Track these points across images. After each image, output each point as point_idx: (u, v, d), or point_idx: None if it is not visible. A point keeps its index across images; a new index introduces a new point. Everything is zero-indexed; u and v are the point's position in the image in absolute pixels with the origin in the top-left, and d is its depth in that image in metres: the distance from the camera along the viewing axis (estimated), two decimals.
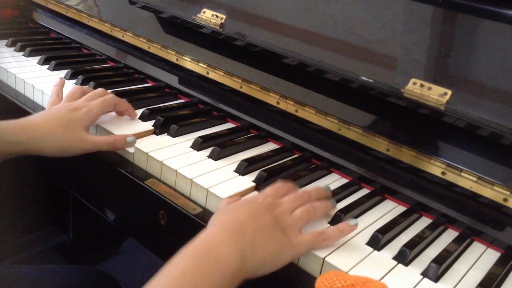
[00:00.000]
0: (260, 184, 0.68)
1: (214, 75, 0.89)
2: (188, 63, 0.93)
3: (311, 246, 0.56)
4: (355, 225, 0.59)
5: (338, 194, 0.68)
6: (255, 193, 0.67)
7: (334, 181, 0.73)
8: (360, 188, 0.73)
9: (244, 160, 0.71)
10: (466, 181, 0.63)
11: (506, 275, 0.58)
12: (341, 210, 0.62)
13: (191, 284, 0.46)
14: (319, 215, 0.61)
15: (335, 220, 0.62)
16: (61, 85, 0.83)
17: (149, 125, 0.80)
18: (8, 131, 0.69)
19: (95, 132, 0.79)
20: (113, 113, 0.82)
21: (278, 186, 0.62)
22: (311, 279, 0.55)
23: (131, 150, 0.74)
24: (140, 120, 0.81)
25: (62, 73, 0.98)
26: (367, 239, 0.60)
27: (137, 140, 0.74)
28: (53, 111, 0.74)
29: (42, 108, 0.88)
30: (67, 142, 0.71)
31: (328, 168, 0.76)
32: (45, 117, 0.72)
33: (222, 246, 0.50)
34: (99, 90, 0.80)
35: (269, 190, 0.61)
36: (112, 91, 0.88)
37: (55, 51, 1.10)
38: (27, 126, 0.70)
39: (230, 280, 0.48)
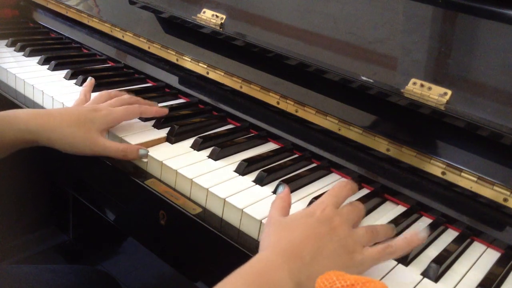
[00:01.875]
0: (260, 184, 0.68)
1: (214, 75, 0.89)
2: (188, 63, 0.93)
3: (376, 262, 0.52)
4: (423, 239, 0.54)
5: None
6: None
7: (334, 181, 0.73)
8: (360, 188, 0.73)
9: (244, 160, 0.71)
10: (466, 181, 0.63)
11: (506, 275, 0.58)
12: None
13: None
14: (381, 238, 0.55)
15: None
16: (90, 85, 0.82)
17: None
18: (20, 119, 0.68)
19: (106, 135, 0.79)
20: None
21: (337, 191, 0.57)
22: None
23: (144, 160, 0.72)
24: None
25: (62, 73, 0.98)
26: None
27: (137, 141, 0.74)
28: (73, 108, 0.73)
29: (42, 108, 0.87)
30: (77, 139, 0.69)
31: (328, 168, 0.76)
32: (61, 111, 0.71)
33: (274, 271, 0.45)
34: (126, 96, 0.79)
35: (327, 198, 0.56)
36: (112, 91, 0.88)
37: (55, 51, 1.10)
38: (39, 116, 0.69)
39: None
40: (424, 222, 0.67)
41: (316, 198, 0.66)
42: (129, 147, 0.71)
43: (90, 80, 0.83)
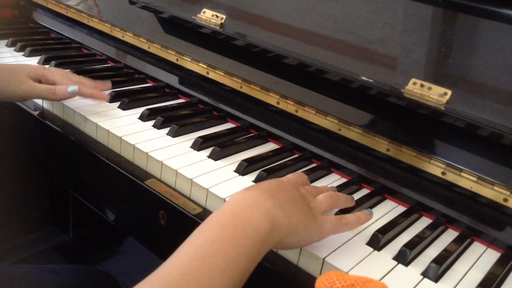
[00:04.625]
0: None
1: (214, 75, 0.89)
2: (188, 63, 0.93)
3: (334, 228, 0.55)
4: (370, 215, 0.60)
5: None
6: None
7: (334, 181, 0.73)
8: (360, 188, 0.73)
9: (244, 160, 0.71)
10: (466, 181, 0.63)
11: (506, 275, 0.58)
12: (341, 210, 0.62)
13: (217, 251, 0.43)
14: (341, 204, 0.60)
15: None
16: None
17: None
18: None
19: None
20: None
21: (298, 174, 0.62)
22: (311, 279, 0.55)
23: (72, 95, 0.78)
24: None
25: None
26: (367, 239, 0.60)
27: (137, 141, 0.74)
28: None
29: (43, 108, 0.87)
30: (7, 81, 0.75)
31: (328, 168, 0.76)
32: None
33: (250, 210, 0.46)
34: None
35: (291, 175, 0.60)
36: (112, 91, 0.88)
37: (55, 51, 1.10)
38: None
39: (259, 246, 0.45)
40: (424, 222, 0.67)
41: None
42: (58, 87, 0.77)
43: None
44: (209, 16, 0.87)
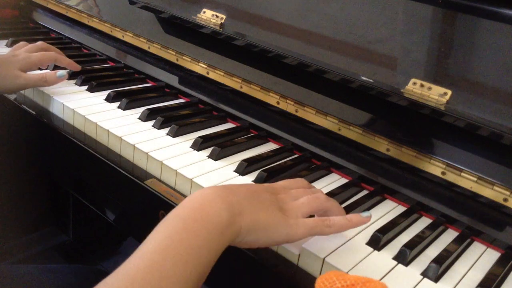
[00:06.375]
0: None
1: (214, 75, 0.89)
2: (188, 63, 0.93)
3: (310, 230, 0.53)
4: (367, 218, 0.56)
5: (338, 194, 0.68)
6: None
7: (334, 181, 0.73)
8: (360, 188, 0.73)
9: (244, 160, 0.71)
10: (466, 181, 0.63)
11: (506, 275, 0.58)
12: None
13: (178, 244, 0.44)
14: (331, 206, 0.57)
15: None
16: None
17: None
18: None
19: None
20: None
21: (292, 180, 0.60)
22: (311, 279, 0.55)
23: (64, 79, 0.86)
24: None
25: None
26: (367, 239, 0.60)
27: (137, 141, 0.74)
28: None
29: (42, 108, 0.88)
30: (2, 77, 0.80)
31: (328, 168, 0.76)
32: None
33: (209, 205, 0.48)
34: (40, 42, 0.92)
35: (281, 181, 0.60)
36: (112, 91, 0.88)
37: None
38: None
39: (218, 239, 0.47)
40: (424, 222, 0.67)
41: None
42: (48, 73, 0.83)
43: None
44: (209, 16, 0.87)
